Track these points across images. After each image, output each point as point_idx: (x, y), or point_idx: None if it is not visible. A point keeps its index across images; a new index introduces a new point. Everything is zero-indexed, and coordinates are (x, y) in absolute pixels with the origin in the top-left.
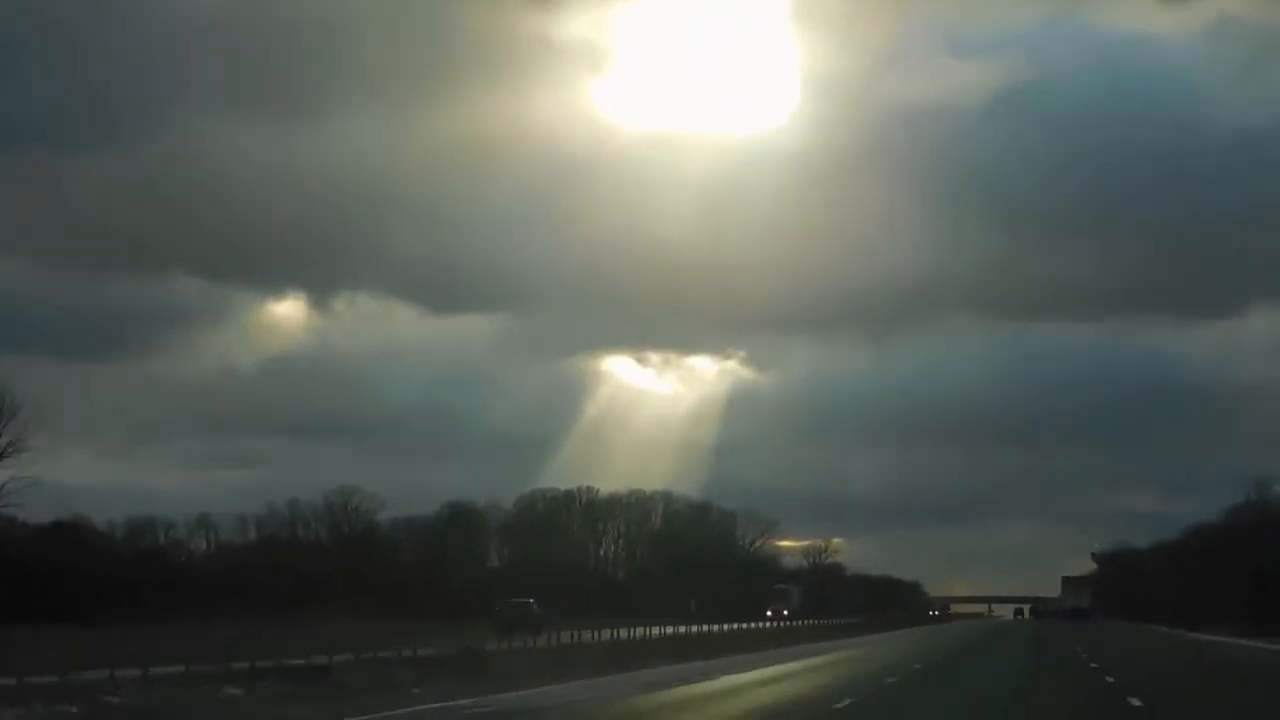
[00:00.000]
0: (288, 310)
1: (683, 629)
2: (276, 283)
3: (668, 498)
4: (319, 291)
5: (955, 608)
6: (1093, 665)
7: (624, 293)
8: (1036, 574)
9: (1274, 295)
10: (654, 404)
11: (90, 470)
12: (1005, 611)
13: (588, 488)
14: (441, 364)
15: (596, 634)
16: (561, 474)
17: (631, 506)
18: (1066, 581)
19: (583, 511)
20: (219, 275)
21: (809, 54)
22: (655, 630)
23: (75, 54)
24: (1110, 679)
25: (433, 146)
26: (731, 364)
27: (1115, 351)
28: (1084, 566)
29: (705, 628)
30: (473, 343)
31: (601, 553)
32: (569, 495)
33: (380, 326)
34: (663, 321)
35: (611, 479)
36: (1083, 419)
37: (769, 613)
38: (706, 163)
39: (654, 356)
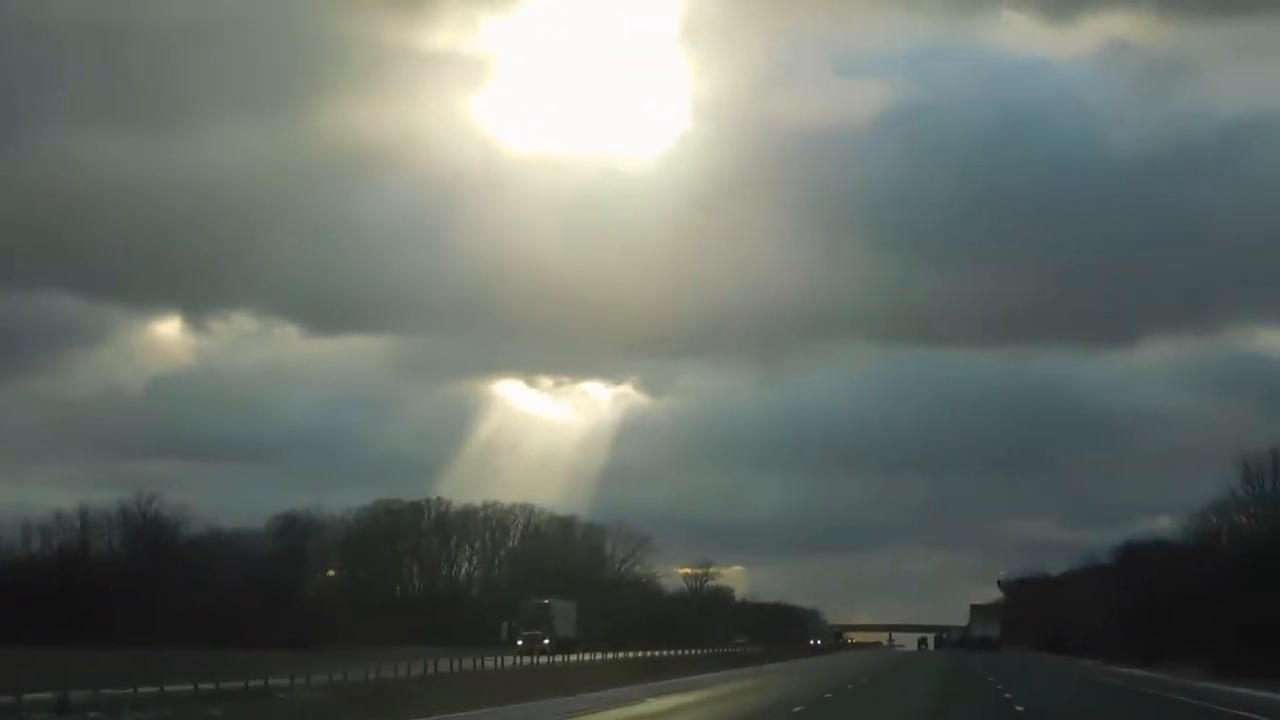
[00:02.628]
0: (167, 329)
1: (482, 662)
2: (154, 301)
3: (529, 512)
4: (198, 310)
5: (854, 636)
6: None
7: (514, 317)
8: (940, 603)
9: (1168, 324)
10: (545, 429)
11: None
12: (909, 641)
13: (437, 499)
14: (327, 386)
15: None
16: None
17: (487, 521)
18: (975, 610)
19: (433, 525)
20: (94, 293)
21: (697, 74)
22: (449, 664)
23: None
24: None
25: (308, 160)
26: (624, 389)
27: (1010, 379)
28: (986, 595)
29: (516, 660)
30: (359, 364)
31: (453, 571)
32: (415, 508)
33: (262, 346)
34: (554, 346)
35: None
36: (979, 446)
37: (519, 641)
38: (593, 185)
39: (546, 381)
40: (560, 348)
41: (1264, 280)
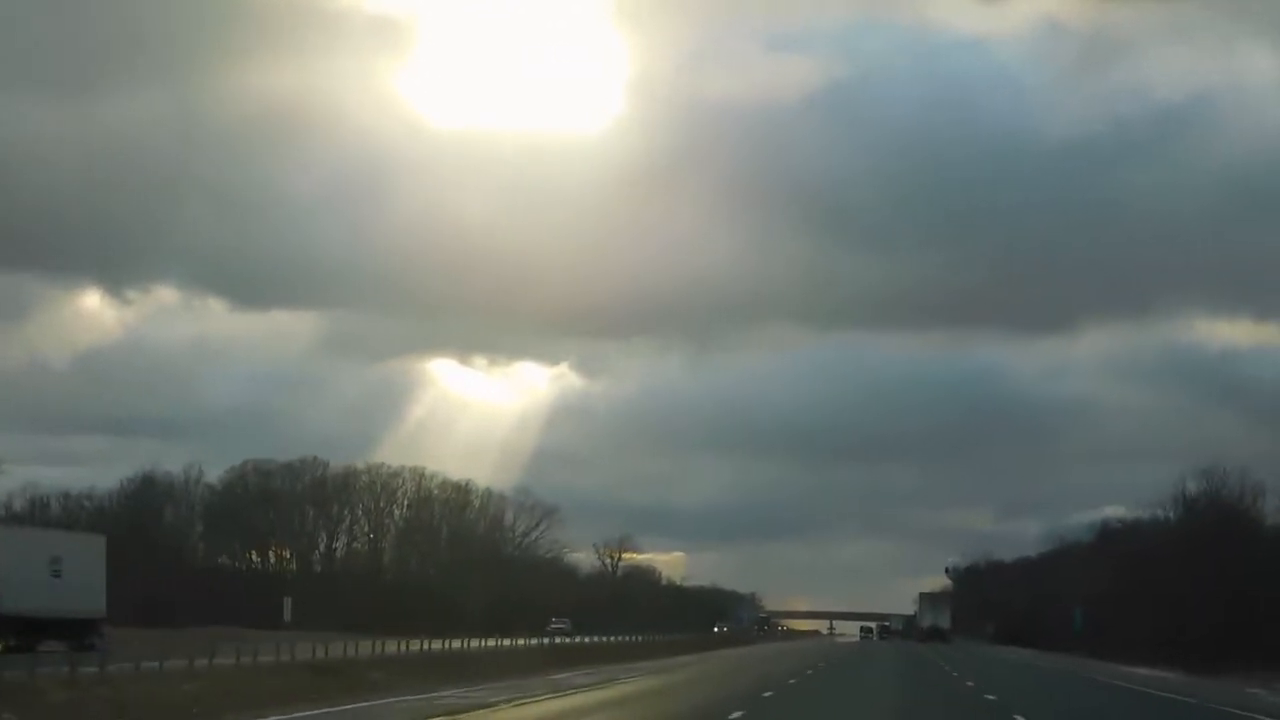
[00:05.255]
0: (90, 302)
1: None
2: (75, 273)
3: (419, 476)
4: (121, 282)
5: (787, 624)
6: None
7: (448, 295)
8: (881, 591)
9: (1105, 312)
10: (478, 409)
11: None
12: (851, 629)
13: (313, 458)
14: (256, 362)
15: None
16: None
17: (372, 486)
18: (924, 597)
19: (310, 489)
20: (10, 264)
21: (628, 51)
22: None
23: None
24: None
25: (226, 127)
26: (561, 369)
27: (946, 366)
28: (927, 584)
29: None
30: (288, 341)
31: (334, 542)
32: (289, 469)
33: (188, 321)
34: (489, 326)
35: None
36: (914, 434)
37: None
38: (527, 162)
39: (480, 360)
40: (495, 328)
41: (1201, 267)
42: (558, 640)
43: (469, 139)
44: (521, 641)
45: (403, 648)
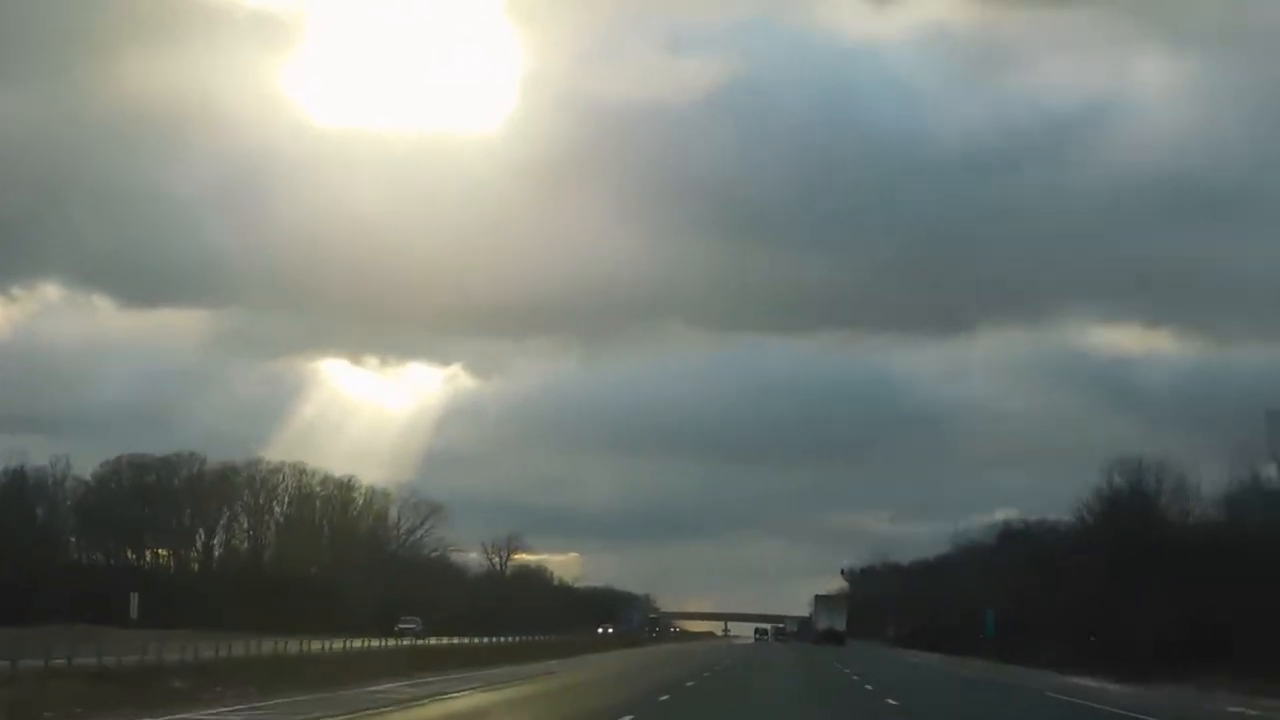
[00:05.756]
0: None
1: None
2: None
3: (300, 472)
4: (5, 280)
5: (680, 625)
6: None
7: (339, 295)
8: (775, 593)
9: (999, 315)
10: (369, 409)
11: None
12: (745, 631)
13: (190, 453)
14: (143, 361)
15: None
16: None
17: (251, 482)
18: (820, 600)
19: (186, 485)
20: None
21: (522, 49)
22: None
23: None
24: None
25: (104, 123)
26: (454, 370)
27: (839, 367)
28: (822, 586)
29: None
30: (175, 339)
31: (212, 539)
32: (166, 464)
33: (72, 318)
34: (380, 327)
35: None
36: (809, 436)
37: None
38: (419, 161)
39: (372, 360)
40: (387, 328)
41: (1091, 274)
42: (416, 642)
43: (359, 137)
44: (378, 643)
45: (251, 649)
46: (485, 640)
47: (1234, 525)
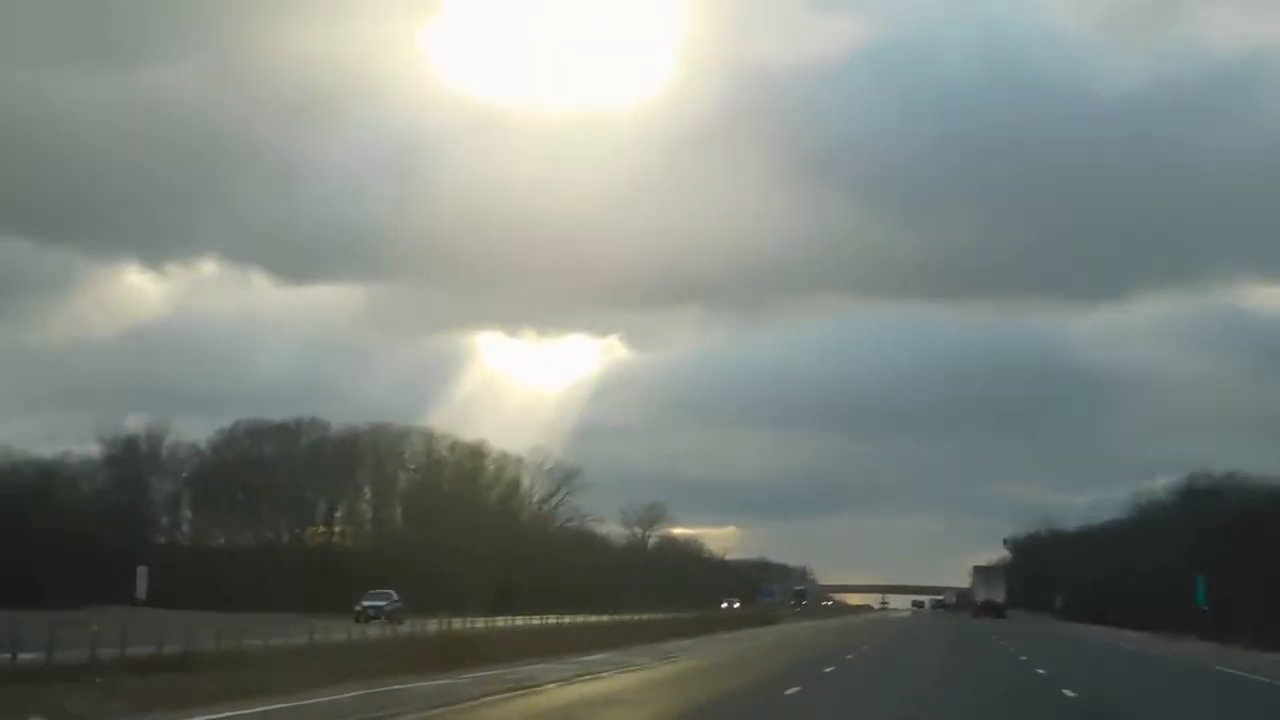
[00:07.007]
0: (133, 277)
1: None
2: (116, 247)
3: (427, 438)
4: (163, 256)
5: (843, 598)
6: None
7: (493, 268)
8: (934, 564)
9: (1156, 279)
10: (522, 383)
11: None
12: (904, 604)
13: (311, 420)
14: (303, 338)
15: None
16: None
17: (378, 448)
18: (978, 571)
19: (307, 452)
20: (53, 238)
21: (676, 17)
22: None
23: None
24: None
25: (259, 97)
26: (610, 341)
27: (995, 335)
28: (981, 558)
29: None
30: (331, 315)
31: (336, 508)
32: (283, 430)
33: (232, 295)
34: (538, 298)
35: None
36: (966, 404)
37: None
38: (573, 132)
39: (529, 333)
40: (544, 300)
41: (1256, 233)
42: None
43: (515, 108)
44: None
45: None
46: (566, 620)
47: None
